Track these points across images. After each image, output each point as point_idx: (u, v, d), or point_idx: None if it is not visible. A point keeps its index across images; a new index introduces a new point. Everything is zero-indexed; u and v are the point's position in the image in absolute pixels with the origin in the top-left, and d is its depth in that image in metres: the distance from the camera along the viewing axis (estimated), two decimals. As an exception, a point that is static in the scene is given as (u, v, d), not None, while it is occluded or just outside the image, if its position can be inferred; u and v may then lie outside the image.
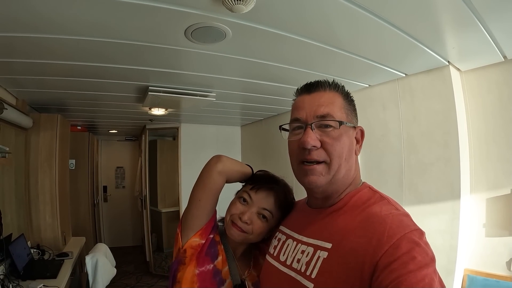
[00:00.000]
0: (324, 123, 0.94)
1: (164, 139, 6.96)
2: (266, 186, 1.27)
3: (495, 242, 2.42)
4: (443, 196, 2.49)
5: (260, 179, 1.32)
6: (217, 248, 1.30)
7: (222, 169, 1.25)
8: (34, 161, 3.56)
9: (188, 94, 3.13)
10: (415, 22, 1.80)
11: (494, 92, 2.47)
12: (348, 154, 0.95)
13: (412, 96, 2.74)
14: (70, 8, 1.52)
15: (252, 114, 4.83)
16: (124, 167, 7.82)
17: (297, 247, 1.00)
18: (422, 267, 0.69)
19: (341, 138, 0.93)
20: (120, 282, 5.18)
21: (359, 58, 2.34)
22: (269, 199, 1.25)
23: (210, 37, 1.89)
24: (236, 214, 1.25)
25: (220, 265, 1.28)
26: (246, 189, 1.28)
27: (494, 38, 2.01)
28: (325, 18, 1.73)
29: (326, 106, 0.95)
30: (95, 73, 2.54)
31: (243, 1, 1.38)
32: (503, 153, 2.42)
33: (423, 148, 2.65)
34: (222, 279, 1.26)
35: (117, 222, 7.55)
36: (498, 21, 1.79)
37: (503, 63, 2.39)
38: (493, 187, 2.46)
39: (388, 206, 0.87)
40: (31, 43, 1.90)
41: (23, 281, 2.64)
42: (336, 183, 0.95)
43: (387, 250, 0.73)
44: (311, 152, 0.93)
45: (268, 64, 2.44)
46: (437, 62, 2.42)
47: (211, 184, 1.25)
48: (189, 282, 1.22)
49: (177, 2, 1.52)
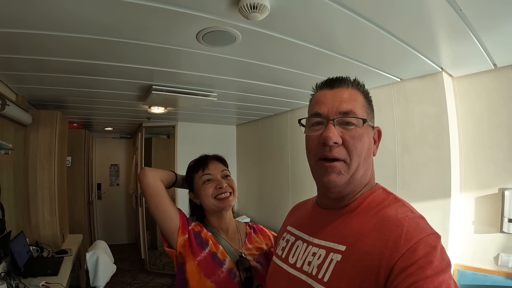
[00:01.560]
0: (346, 120, 0.90)
1: (159, 137, 6.92)
2: (207, 159, 1.52)
3: (483, 239, 2.49)
4: (435, 195, 2.56)
5: (197, 164, 1.53)
6: (202, 236, 1.43)
7: (153, 176, 1.43)
8: (33, 158, 3.52)
9: (190, 93, 3.14)
10: (412, 31, 1.85)
11: (484, 97, 2.54)
12: (367, 154, 0.92)
13: (407, 99, 2.81)
14: (82, 8, 1.53)
15: (249, 113, 4.87)
16: (119, 165, 7.72)
17: (307, 249, 0.95)
18: (439, 272, 0.67)
19: (362, 137, 0.90)
20: (116, 280, 5.12)
21: (358, 63, 2.39)
22: (217, 164, 1.50)
23: (221, 40, 1.93)
24: (215, 191, 1.43)
25: (214, 248, 1.40)
26: (199, 175, 1.48)
27: (485, 47, 2.07)
28: (331, 26, 1.79)
29: (349, 102, 0.91)
30: (98, 71, 2.53)
31: (259, 10, 1.43)
32: (491, 155, 2.49)
33: (416, 149, 2.71)
34: (220, 260, 1.38)
35: (111, 219, 7.47)
36: (489, 32, 1.85)
37: (493, 70, 2.46)
38: (482, 187, 2.53)
39: (404, 209, 0.84)
40: (38, 39, 1.88)
41: (24, 278, 2.62)
42: (353, 183, 0.91)
43: (404, 253, 0.71)
44: (332, 149, 0.88)
45: (273, 67, 2.49)
46: (431, 68, 2.48)
47: (154, 190, 1.41)
48: (195, 274, 1.33)
49: (194, 7, 1.55)
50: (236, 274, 1.36)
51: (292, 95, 3.49)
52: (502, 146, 2.44)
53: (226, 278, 1.34)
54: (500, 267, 2.40)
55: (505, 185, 2.41)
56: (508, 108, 2.42)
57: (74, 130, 5.32)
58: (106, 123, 5.87)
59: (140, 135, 5.92)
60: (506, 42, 2.00)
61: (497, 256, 2.42)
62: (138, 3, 1.50)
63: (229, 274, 1.35)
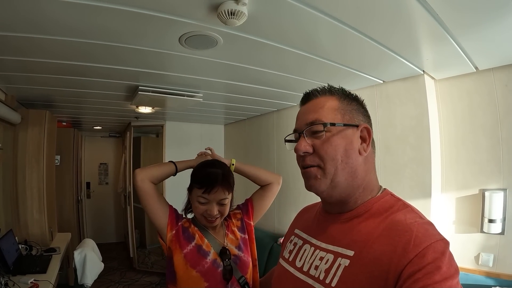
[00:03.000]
0: (312, 129, 0.92)
1: (148, 136, 6.89)
2: (213, 185, 1.47)
3: (464, 238, 2.54)
4: (415, 195, 2.59)
5: (204, 179, 1.51)
6: (189, 231, 1.55)
7: (141, 178, 1.53)
8: (22, 157, 3.51)
9: (176, 94, 3.17)
10: (392, 36, 1.91)
11: (465, 100, 2.59)
12: (345, 155, 0.90)
13: (389, 101, 2.85)
14: (69, 14, 1.57)
15: (236, 113, 4.90)
16: (108, 164, 7.67)
17: (315, 253, 0.95)
18: (447, 278, 0.67)
19: (332, 140, 0.90)
20: (105, 278, 5.13)
21: (341, 66, 2.43)
22: (220, 192, 1.49)
23: (203, 44, 1.97)
24: (205, 213, 1.50)
25: (200, 241, 1.52)
26: (198, 193, 1.49)
27: (465, 51, 2.12)
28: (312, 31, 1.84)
29: (314, 112, 0.94)
30: (87, 72, 2.55)
31: (236, 16, 1.47)
32: (472, 156, 2.53)
33: (398, 150, 2.75)
34: (205, 251, 1.50)
35: (100, 218, 7.43)
36: (468, 37, 1.90)
37: (475, 73, 2.51)
38: (462, 187, 2.58)
39: (412, 214, 0.84)
40: (26, 42, 1.92)
41: (13, 276, 2.63)
42: (340, 187, 0.91)
43: (413, 259, 0.70)
44: (305, 158, 0.93)
45: (257, 69, 2.53)
46: (413, 71, 2.53)
47: (142, 191, 1.53)
48: (182, 265, 1.46)
49: (175, 13, 1.60)
50: (220, 264, 1.49)
51: (277, 96, 3.53)
52: (483, 148, 2.49)
53: (210, 268, 1.47)
54: (481, 266, 2.45)
55: (485, 186, 2.46)
56: (489, 111, 2.47)
57: (63, 129, 5.28)
58: (95, 122, 5.85)
59: (129, 134, 5.90)
60: (485, 46, 2.04)
61: (478, 256, 2.47)
62: (123, 9, 1.55)
63: (213, 265, 1.48)
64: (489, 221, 2.36)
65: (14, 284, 2.49)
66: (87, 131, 7.06)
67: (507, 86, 2.38)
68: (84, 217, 7.01)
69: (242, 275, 1.52)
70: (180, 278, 1.45)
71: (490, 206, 2.36)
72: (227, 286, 1.47)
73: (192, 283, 1.43)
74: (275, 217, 4.41)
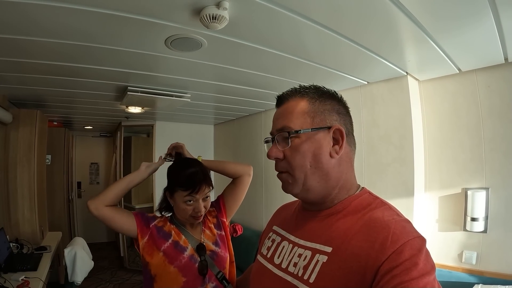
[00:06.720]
0: (282, 135, 0.92)
1: (138, 136, 6.86)
2: (198, 184, 1.52)
3: (447, 237, 2.59)
4: (398, 194, 2.63)
5: (188, 181, 1.53)
6: (164, 230, 1.58)
7: (95, 207, 1.57)
8: (13, 156, 3.54)
9: (164, 94, 3.21)
10: (373, 39, 1.96)
11: (449, 100, 2.64)
12: (314, 160, 0.90)
13: (373, 102, 2.89)
14: (58, 16, 1.60)
15: (225, 114, 4.93)
16: (99, 163, 7.65)
17: (293, 250, 0.95)
18: (424, 274, 0.68)
19: (300, 147, 0.90)
20: (95, 277, 5.15)
21: (325, 68, 2.48)
22: (203, 189, 1.54)
23: (188, 46, 2.02)
24: (192, 212, 1.53)
25: (177, 237, 1.56)
26: (184, 194, 1.52)
27: (447, 54, 2.17)
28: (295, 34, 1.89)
29: (283, 118, 0.94)
30: (76, 73, 2.57)
31: (218, 20, 1.52)
32: (455, 156, 2.59)
33: (381, 150, 2.79)
34: (183, 246, 1.54)
35: (91, 218, 7.07)
36: (449, 40, 1.96)
37: (458, 74, 2.57)
38: (445, 187, 2.63)
39: (390, 212, 0.85)
40: (18, 43, 1.95)
41: (4, 273, 2.67)
42: (313, 190, 0.92)
43: (390, 255, 0.71)
44: (277, 164, 0.95)
45: (243, 71, 2.59)
46: (396, 72, 2.57)
47: (101, 218, 1.58)
48: (161, 263, 1.49)
49: (160, 16, 1.65)
50: (197, 259, 1.53)
51: (264, 96, 3.57)
52: (465, 148, 2.54)
53: (187, 263, 1.50)
54: (464, 264, 2.50)
55: (468, 185, 2.51)
56: (471, 111, 2.52)
57: (54, 128, 5.28)
58: (85, 121, 5.84)
59: (120, 133, 5.91)
60: (467, 49, 2.10)
61: (461, 253, 2.52)
62: (111, 13, 1.59)
63: (190, 260, 1.51)
64: (471, 219, 2.41)
65: (5, 281, 2.52)
66: (78, 130, 7.02)
67: (489, 87, 2.43)
68: (75, 216, 6.99)
69: (220, 270, 1.56)
70: (158, 275, 1.49)
71: (473, 205, 2.40)
72: (205, 280, 1.50)
73: (170, 279, 1.47)
74: (263, 216, 4.45)
